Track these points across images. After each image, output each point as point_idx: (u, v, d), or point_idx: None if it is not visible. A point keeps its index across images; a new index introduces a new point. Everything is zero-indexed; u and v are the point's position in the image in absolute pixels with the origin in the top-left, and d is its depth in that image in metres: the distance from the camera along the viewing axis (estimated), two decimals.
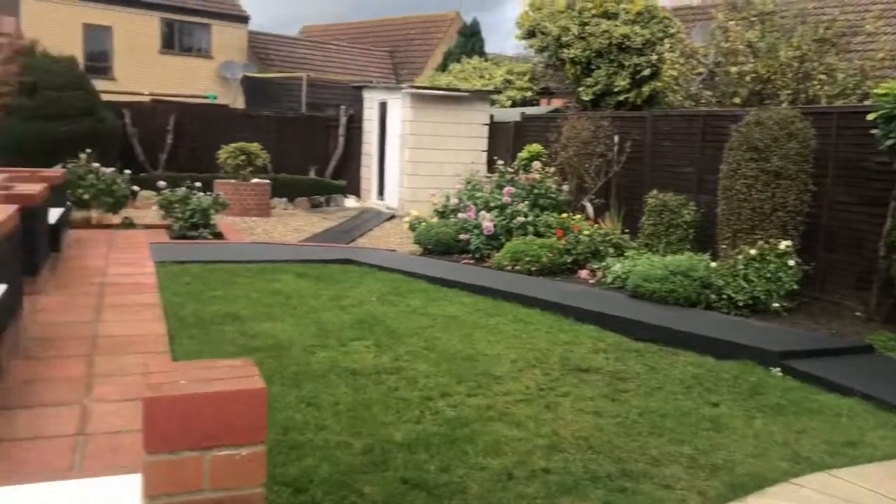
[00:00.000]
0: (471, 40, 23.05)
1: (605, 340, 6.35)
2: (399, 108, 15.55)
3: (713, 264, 7.76)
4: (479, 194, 10.70)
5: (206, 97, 19.40)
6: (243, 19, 29.10)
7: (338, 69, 30.86)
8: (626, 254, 9.02)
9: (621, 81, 13.22)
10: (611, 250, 9.14)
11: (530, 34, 14.26)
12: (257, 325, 6.16)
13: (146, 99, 16.70)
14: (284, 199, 16.09)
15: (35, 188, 6.85)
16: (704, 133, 9.82)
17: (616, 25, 13.13)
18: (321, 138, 17.72)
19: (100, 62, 25.26)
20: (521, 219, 9.84)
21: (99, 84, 23.04)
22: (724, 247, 8.31)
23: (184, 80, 26.09)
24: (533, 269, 8.85)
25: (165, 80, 25.44)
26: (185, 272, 8.16)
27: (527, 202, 10.19)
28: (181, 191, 11.27)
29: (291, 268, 8.75)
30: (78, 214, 11.48)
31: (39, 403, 4.18)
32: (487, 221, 9.92)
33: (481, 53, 22.37)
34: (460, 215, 10.58)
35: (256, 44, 30.06)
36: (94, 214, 11.62)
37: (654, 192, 9.60)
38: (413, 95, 15.18)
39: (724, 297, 7.38)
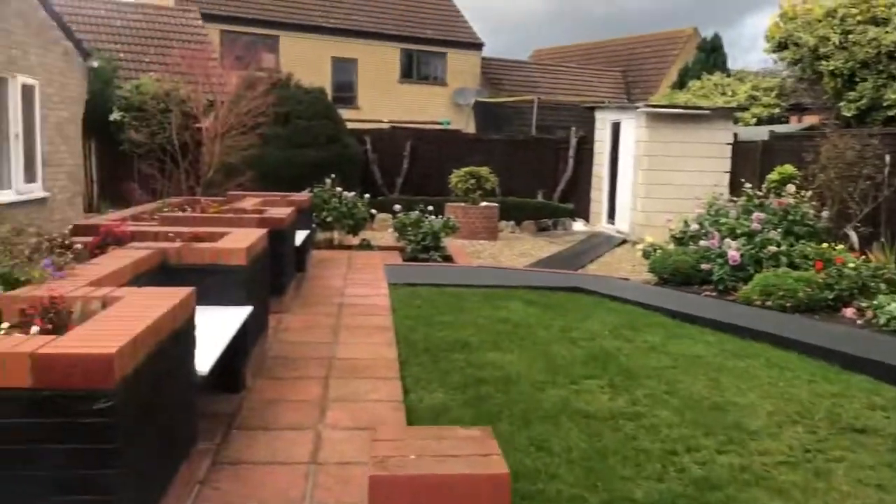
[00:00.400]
0: (711, 56, 21.79)
1: (882, 394, 5.41)
2: (633, 127, 14.94)
3: None
4: (723, 220, 9.85)
5: (440, 123, 20.02)
6: (477, 46, 29.88)
7: (568, 91, 30.69)
8: None
9: (892, 94, 11.66)
10: (882, 286, 7.94)
11: (781, 46, 13.10)
12: (485, 355, 5.97)
13: (385, 126, 17.51)
14: (511, 223, 16.06)
15: (284, 212, 7.23)
16: None
17: (886, 32, 11.62)
18: (550, 161, 17.54)
19: (345, 92, 27.10)
20: (772, 248, 8.88)
21: (344, 113, 24.75)
22: None
23: (419, 107, 27.27)
24: (787, 305, 7.91)
25: (403, 107, 26.74)
26: (415, 295, 8.24)
27: (779, 230, 9.19)
28: (414, 214, 11.54)
29: (519, 294, 8.54)
30: (321, 235, 12.18)
31: (277, 426, 4.25)
32: (733, 250, 9.07)
33: (723, 69, 21.04)
34: (702, 243, 9.79)
35: (488, 69, 30.73)
36: (336, 236, 12.25)
37: None
38: (648, 114, 14.51)
39: None
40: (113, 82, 15.44)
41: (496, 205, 14.49)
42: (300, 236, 8.79)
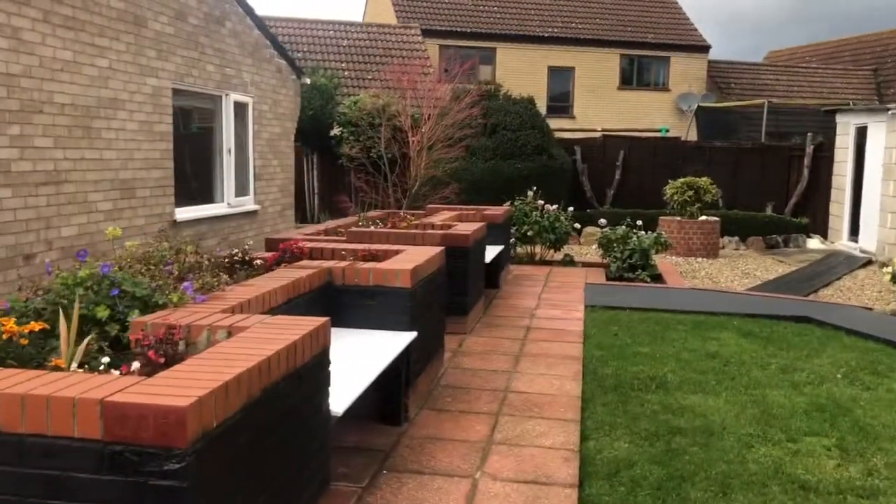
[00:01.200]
0: None
1: None
2: (883, 132, 12.99)
3: None
4: None
5: (658, 130, 18.88)
6: (703, 48, 28.09)
7: (806, 93, 27.89)
8: None
9: None
10: None
11: None
12: (684, 398, 5.17)
13: (597, 135, 16.76)
14: (736, 239, 14.63)
15: (469, 228, 6.87)
16: None
17: None
18: (781, 170, 15.83)
19: (561, 102, 26.60)
20: None
21: (559, 122, 24.36)
22: None
23: (639, 114, 26.09)
24: None
25: (621, 115, 25.72)
26: (613, 320, 7.53)
27: None
28: (621, 229, 10.76)
29: (734, 323, 7.52)
30: (522, 250, 11.75)
31: (431, 469, 3.84)
32: None
33: None
34: None
35: (716, 73, 28.77)
36: (538, 250, 11.77)
37: None
38: None
39: None
40: (334, 99, 16.15)
41: (717, 219, 13.22)
42: (492, 252, 8.42)
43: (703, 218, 13.13)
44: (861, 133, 14.02)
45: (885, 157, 12.85)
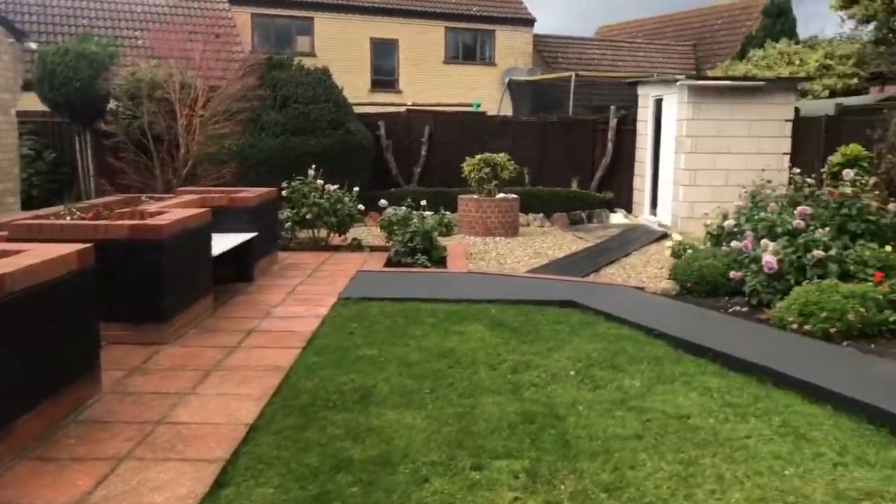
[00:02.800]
0: (778, 21, 19.25)
1: None
2: (675, 104, 12.94)
3: None
4: (762, 214, 7.91)
5: (470, 105, 18.30)
6: (529, 22, 27.95)
7: (630, 68, 28.40)
8: None
9: None
10: None
11: (850, 1, 10.87)
12: (381, 415, 4.38)
13: (402, 109, 15.95)
14: (541, 216, 14.28)
15: (169, 218, 5.78)
16: None
17: None
18: (587, 144, 15.64)
19: (386, 76, 25.68)
20: (818, 252, 6.92)
21: (386, 97, 23.41)
22: None
23: (466, 88, 25.56)
24: (833, 330, 6.00)
25: (449, 89, 25.11)
26: (360, 315, 6.70)
27: (829, 227, 7.21)
28: (403, 210, 10.00)
29: (492, 312, 6.89)
30: (305, 234, 10.78)
31: None
32: (769, 254, 7.16)
33: (791, 36, 18.51)
34: (734, 243, 7.91)
35: (544, 47, 28.76)
36: (324, 234, 10.82)
37: None
38: (691, 89, 12.49)
39: None
40: (109, 69, 14.41)
41: (515, 196, 12.73)
42: (232, 241, 7.40)
43: (501, 196, 12.61)
44: (658, 105, 13.97)
45: (677, 130, 12.81)
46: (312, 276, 8.54)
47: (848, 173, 7.81)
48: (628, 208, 15.07)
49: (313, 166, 10.80)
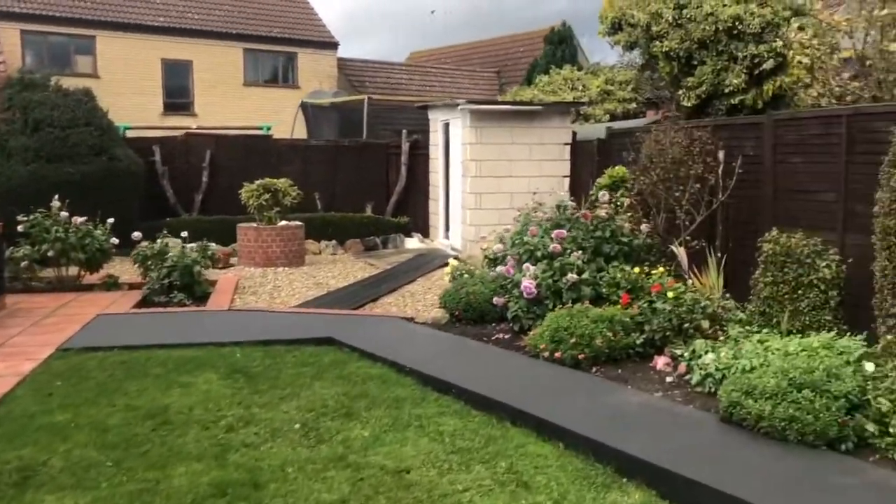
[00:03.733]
0: (559, 48, 20.02)
1: None
2: (460, 128, 12.89)
3: (869, 367, 4.53)
4: (525, 238, 7.80)
5: (259, 128, 17.48)
6: (332, 45, 27.52)
7: (438, 92, 28.67)
8: (728, 331, 5.90)
9: (734, 79, 9.97)
10: (704, 325, 6.01)
11: (615, 28, 11.27)
12: (35, 502, 3.60)
13: (179, 133, 14.88)
14: (333, 242, 13.73)
15: None
16: (852, 142, 6.53)
17: (724, 5, 9.90)
18: (380, 169, 15.32)
19: (181, 98, 24.25)
20: (571, 276, 6.85)
21: (181, 120, 21.98)
22: (885, 328, 5.05)
23: (269, 111, 24.62)
24: (581, 356, 5.86)
25: (249, 112, 24.06)
26: (73, 370, 5.80)
27: (584, 250, 7.19)
28: (158, 244, 9.09)
29: (236, 355, 6.22)
30: (50, 273, 9.56)
31: None
32: (527, 279, 7.01)
33: (573, 62, 19.27)
34: (499, 268, 7.74)
35: (350, 71, 28.39)
36: (75, 272, 9.65)
37: (774, 233, 6.40)
38: (473, 113, 12.46)
39: (892, 431, 4.16)
40: None
41: (299, 224, 12.09)
42: None
43: (284, 223, 11.93)
44: (447, 129, 13.90)
45: (462, 154, 12.75)
46: (39, 323, 7.46)
47: (604, 195, 7.88)
48: (425, 232, 14.87)
49: (56, 197, 9.61)
